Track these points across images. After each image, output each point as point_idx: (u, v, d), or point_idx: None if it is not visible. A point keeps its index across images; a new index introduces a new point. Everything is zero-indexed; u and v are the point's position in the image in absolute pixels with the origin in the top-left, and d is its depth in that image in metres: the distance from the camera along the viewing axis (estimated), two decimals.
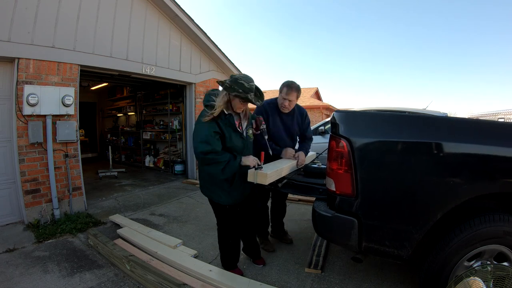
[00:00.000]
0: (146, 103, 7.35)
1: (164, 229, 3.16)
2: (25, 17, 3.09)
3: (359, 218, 1.62)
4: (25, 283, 2.07)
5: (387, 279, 2.13)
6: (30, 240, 2.81)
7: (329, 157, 1.72)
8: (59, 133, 3.36)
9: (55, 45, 3.36)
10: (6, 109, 3.16)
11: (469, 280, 1.31)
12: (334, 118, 1.72)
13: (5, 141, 3.17)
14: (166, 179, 5.86)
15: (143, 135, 7.20)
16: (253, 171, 1.92)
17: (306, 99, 16.26)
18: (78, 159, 3.67)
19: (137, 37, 4.44)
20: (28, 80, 3.15)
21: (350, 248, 1.72)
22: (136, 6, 4.41)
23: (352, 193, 1.62)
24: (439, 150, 1.50)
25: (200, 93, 5.81)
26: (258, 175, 1.90)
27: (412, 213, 1.56)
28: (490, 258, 1.52)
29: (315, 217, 1.82)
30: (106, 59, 3.97)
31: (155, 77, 4.92)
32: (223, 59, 6.03)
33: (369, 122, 1.72)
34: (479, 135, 1.50)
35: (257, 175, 1.90)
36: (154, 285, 1.98)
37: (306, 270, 2.29)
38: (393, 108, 5.38)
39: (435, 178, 1.50)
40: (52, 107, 3.30)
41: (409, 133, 1.59)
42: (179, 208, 3.97)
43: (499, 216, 1.47)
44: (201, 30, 5.34)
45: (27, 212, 3.18)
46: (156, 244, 2.64)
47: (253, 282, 2.05)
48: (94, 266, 2.35)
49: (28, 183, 3.20)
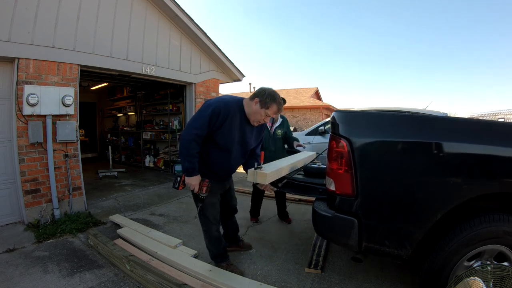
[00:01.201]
0: (146, 103, 7.36)
1: (164, 229, 3.16)
2: (25, 17, 3.09)
3: (359, 218, 1.62)
4: (25, 283, 2.07)
5: (387, 279, 2.13)
6: (30, 240, 2.81)
7: (329, 157, 1.72)
8: (59, 133, 3.36)
9: (55, 45, 3.37)
10: (6, 109, 3.16)
11: (469, 280, 1.31)
12: (334, 118, 1.72)
13: (5, 141, 3.17)
14: (166, 179, 5.86)
15: (143, 135, 7.20)
16: (253, 171, 1.90)
17: (306, 99, 16.27)
18: (78, 159, 3.67)
19: (137, 37, 4.45)
20: (28, 80, 3.15)
21: (350, 248, 1.73)
22: (136, 6, 4.41)
23: (352, 193, 1.62)
24: (439, 150, 1.50)
25: (200, 93, 5.80)
26: (258, 175, 1.88)
27: (412, 213, 1.56)
28: (490, 258, 1.52)
29: (315, 217, 1.83)
30: (106, 59, 3.97)
31: (155, 77, 4.92)
32: (223, 59, 6.03)
33: (369, 122, 1.72)
34: (479, 135, 1.50)
35: (256, 175, 1.88)
36: (154, 285, 1.98)
37: (306, 270, 2.29)
38: (393, 108, 5.38)
39: (435, 178, 1.50)
40: (52, 107, 3.30)
41: (409, 133, 1.59)
42: (179, 208, 3.97)
43: (499, 216, 1.46)
44: (201, 30, 5.34)
45: (27, 212, 3.18)
46: (156, 244, 2.64)
47: (253, 282, 2.05)
48: (94, 266, 2.35)
49: (28, 183, 3.20)
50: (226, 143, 1.99)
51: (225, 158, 2.05)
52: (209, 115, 1.86)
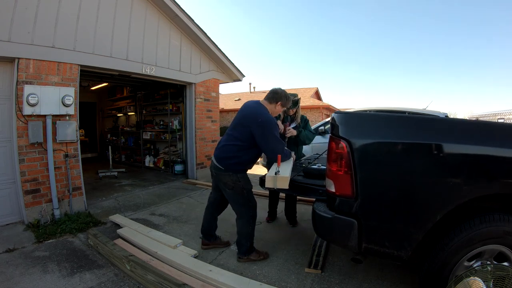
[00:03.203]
0: (146, 103, 7.36)
1: (164, 229, 3.17)
2: (25, 17, 3.09)
3: (359, 219, 1.62)
4: (25, 283, 2.07)
5: (387, 279, 2.14)
6: (30, 240, 2.81)
7: (329, 159, 1.72)
8: (59, 133, 3.36)
9: (55, 45, 3.36)
10: (6, 109, 3.16)
11: (469, 280, 1.31)
12: (333, 119, 1.72)
13: (5, 141, 3.17)
14: (166, 179, 5.86)
15: (143, 135, 7.20)
16: (273, 176, 1.85)
17: (306, 99, 16.25)
18: (78, 159, 3.67)
19: (137, 37, 4.44)
20: (28, 80, 3.15)
21: (350, 249, 1.73)
22: (136, 6, 4.41)
23: (351, 194, 1.62)
24: (438, 151, 1.50)
25: (200, 93, 5.81)
26: (278, 180, 1.83)
27: (411, 214, 1.56)
28: (490, 258, 1.52)
29: (315, 218, 1.83)
30: (106, 59, 3.97)
31: (155, 77, 4.92)
32: (223, 59, 6.03)
33: (369, 123, 1.72)
34: (479, 136, 1.50)
35: (277, 180, 1.83)
36: (154, 285, 1.98)
37: (306, 270, 2.29)
38: (393, 109, 5.37)
39: (434, 179, 1.50)
40: (52, 107, 3.30)
41: (408, 134, 1.59)
42: (179, 208, 3.97)
43: (499, 216, 1.47)
44: (201, 30, 5.34)
45: (27, 212, 3.18)
46: (156, 244, 2.64)
47: (253, 282, 2.05)
48: (94, 266, 2.35)
49: (28, 183, 3.20)
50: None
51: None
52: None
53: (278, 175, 1.86)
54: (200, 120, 5.88)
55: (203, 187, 5.20)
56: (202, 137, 5.94)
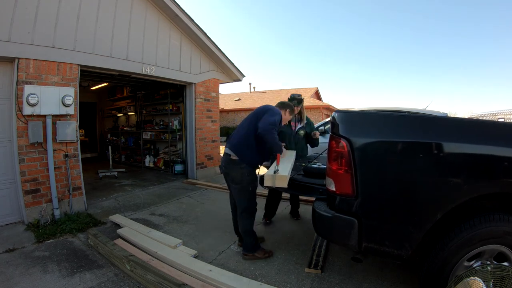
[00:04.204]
0: (146, 103, 7.35)
1: (164, 229, 3.16)
2: (25, 17, 3.09)
3: (359, 218, 1.62)
4: (25, 283, 2.07)
5: (387, 279, 2.13)
6: (30, 240, 2.81)
7: (329, 157, 1.72)
8: (59, 133, 3.36)
9: (55, 45, 3.37)
10: (6, 109, 3.16)
11: (469, 280, 1.31)
12: (334, 118, 1.72)
13: (5, 141, 3.17)
14: (166, 179, 5.86)
15: (143, 135, 7.20)
16: (271, 175, 1.84)
17: (306, 99, 16.22)
18: (78, 159, 3.67)
19: (137, 37, 4.44)
20: (28, 80, 3.15)
21: (350, 248, 1.73)
22: (136, 6, 4.41)
23: (352, 193, 1.62)
24: (439, 150, 1.50)
25: (200, 93, 5.81)
26: (277, 179, 1.81)
27: (412, 213, 1.56)
28: (490, 258, 1.52)
29: (315, 217, 1.82)
30: (106, 59, 3.97)
31: (155, 77, 4.92)
32: (223, 59, 6.03)
33: (369, 122, 1.72)
34: (479, 135, 1.50)
35: (275, 179, 1.82)
36: (154, 285, 1.98)
37: (306, 270, 2.29)
38: (393, 108, 5.37)
39: (435, 178, 1.50)
40: (52, 107, 3.30)
41: (409, 133, 1.59)
42: (179, 208, 3.97)
43: (499, 216, 1.46)
44: (201, 30, 5.34)
45: (27, 212, 3.18)
46: (156, 244, 2.64)
47: (253, 282, 2.05)
48: (94, 266, 2.35)
49: (28, 183, 3.20)
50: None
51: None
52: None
53: (277, 173, 1.86)
54: (200, 120, 5.88)
55: (203, 187, 5.20)
56: (202, 137, 5.94)
